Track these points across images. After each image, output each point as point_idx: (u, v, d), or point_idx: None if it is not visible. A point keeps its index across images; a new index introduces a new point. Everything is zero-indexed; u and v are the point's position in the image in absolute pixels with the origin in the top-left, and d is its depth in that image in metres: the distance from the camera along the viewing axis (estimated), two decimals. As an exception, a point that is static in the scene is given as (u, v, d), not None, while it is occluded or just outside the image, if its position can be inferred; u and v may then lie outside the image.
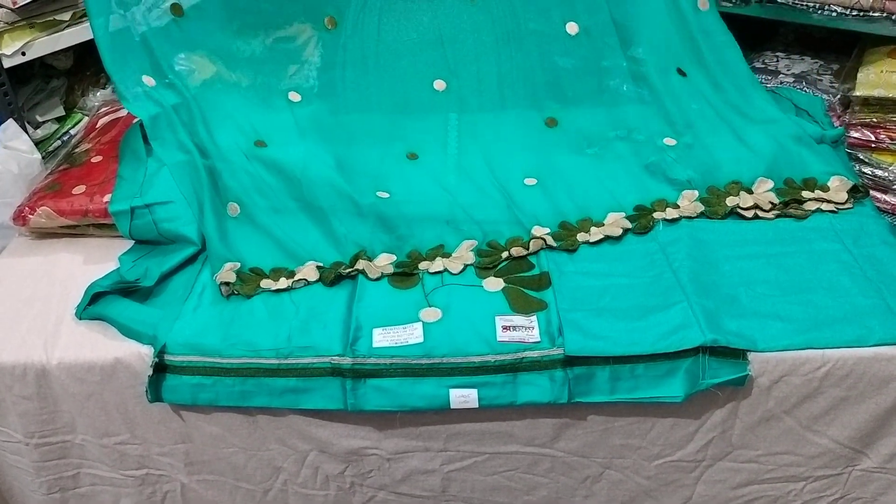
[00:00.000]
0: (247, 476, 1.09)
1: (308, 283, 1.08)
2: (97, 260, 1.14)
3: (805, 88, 1.50)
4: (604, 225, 1.16)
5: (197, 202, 1.16)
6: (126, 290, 1.06)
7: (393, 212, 1.19)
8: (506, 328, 0.99)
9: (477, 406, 0.98)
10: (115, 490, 1.13)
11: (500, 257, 1.11)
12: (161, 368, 0.99)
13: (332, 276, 1.07)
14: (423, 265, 1.11)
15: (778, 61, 1.60)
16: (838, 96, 1.44)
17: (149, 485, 1.12)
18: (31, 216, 1.17)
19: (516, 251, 1.11)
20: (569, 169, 1.28)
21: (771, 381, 0.97)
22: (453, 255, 1.12)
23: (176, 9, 1.37)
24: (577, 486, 1.08)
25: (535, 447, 1.04)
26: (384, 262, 1.12)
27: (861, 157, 1.35)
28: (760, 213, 1.16)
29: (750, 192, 1.18)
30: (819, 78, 1.52)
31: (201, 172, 1.20)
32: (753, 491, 1.06)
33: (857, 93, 1.32)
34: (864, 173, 1.33)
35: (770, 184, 1.19)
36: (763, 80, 1.51)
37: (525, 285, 1.07)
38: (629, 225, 1.15)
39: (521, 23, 1.44)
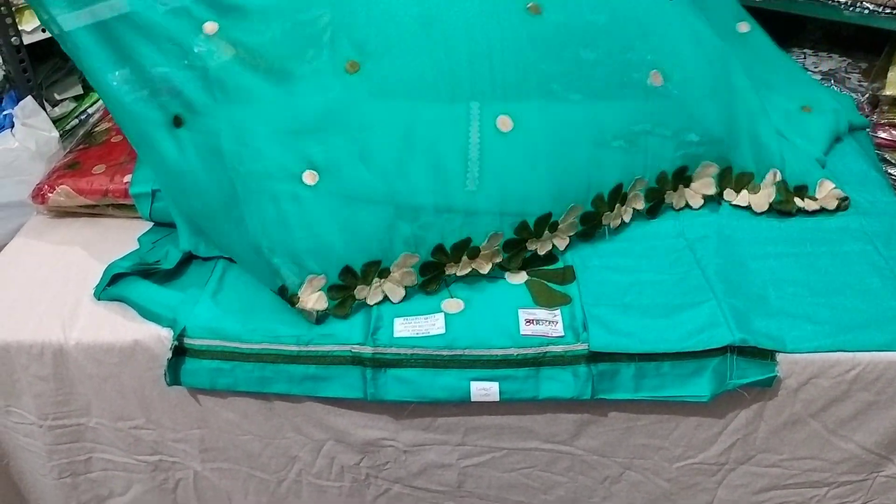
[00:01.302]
0: (261, 465, 1.08)
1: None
2: (116, 240, 1.12)
3: (833, 87, 1.48)
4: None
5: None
6: (146, 271, 1.05)
7: (419, 202, 1.17)
8: (529, 322, 0.98)
9: (498, 399, 0.96)
10: (127, 476, 1.12)
11: (526, 248, 1.08)
12: (180, 352, 0.97)
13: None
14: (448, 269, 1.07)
15: (805, 58, 1.58)
16: (867, 95, 1.43)
17: (162, 471, 1.11)
18: (50, 195, 1.16)
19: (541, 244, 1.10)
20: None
21: (799, 384, 0.95)
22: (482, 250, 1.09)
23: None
24: (595, 487, 1.06)
25: (555, 444, 1.02)
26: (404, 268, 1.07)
27: (888, 157, 1.33)
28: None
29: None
30: (847, 76, 1.51)
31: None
32: (775, 496, 1.04)
33: (887, 92, 1.31)
34: (891, 174, 1.32)
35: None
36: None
37: (549, 279, 1.05)
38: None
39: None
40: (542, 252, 1.10)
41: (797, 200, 1.15)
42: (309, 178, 1.15)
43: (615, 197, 1.14)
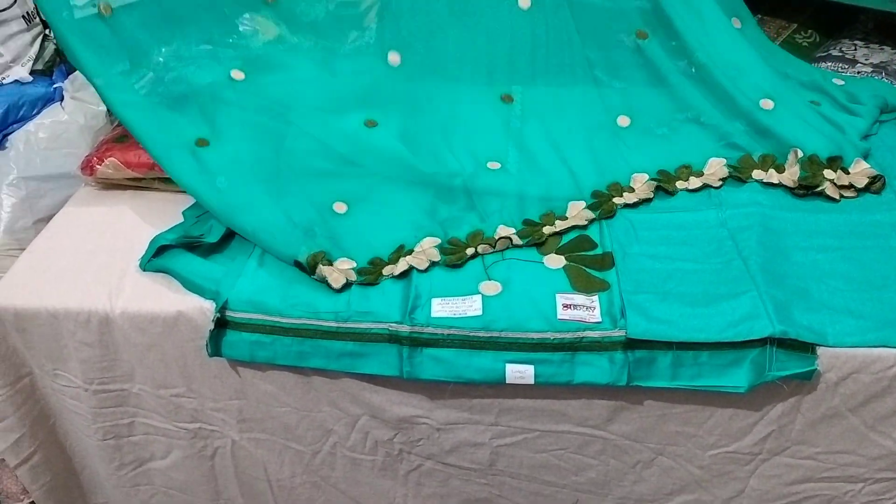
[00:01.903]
0: (297, 437, 1.10)
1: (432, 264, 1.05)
2: (162, 213, 1.15)
3: (885, 79, 1.44)
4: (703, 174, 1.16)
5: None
6: (190, 244, 1.07)
7: (458, 184, 1.17)
8: (566, 306, 0.98)
9: (532, 383, 0.97)
10: (167, 441, 1.15)
11: (543, 233, 1.09)
12: (222, 324, 0.99)
13: (460, 258, 1.05)
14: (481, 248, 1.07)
15: (856, 50, 1.53)
16: (920, 87, 1.39)
17: (201, 438, 1.14)
18: (98, 167, 1.18)
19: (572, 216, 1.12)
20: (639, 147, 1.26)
21: (839, 378, 0.94)
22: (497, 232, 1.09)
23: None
24: (626, 471, 1.07)
25: (588, 428, 1.03)
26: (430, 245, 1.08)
27: (939, 154, 1.29)
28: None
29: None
30: (901, 67, 1.46)
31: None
32: (809, 489, 1.04)
33: (942, 84, 1.26)
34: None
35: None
36: (839, 69, 1.46)
37: (587, 264, 1.05)
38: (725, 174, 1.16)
39: None
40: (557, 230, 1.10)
41: (827, 173, 1.14)
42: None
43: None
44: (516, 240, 1.08)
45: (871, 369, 0.93)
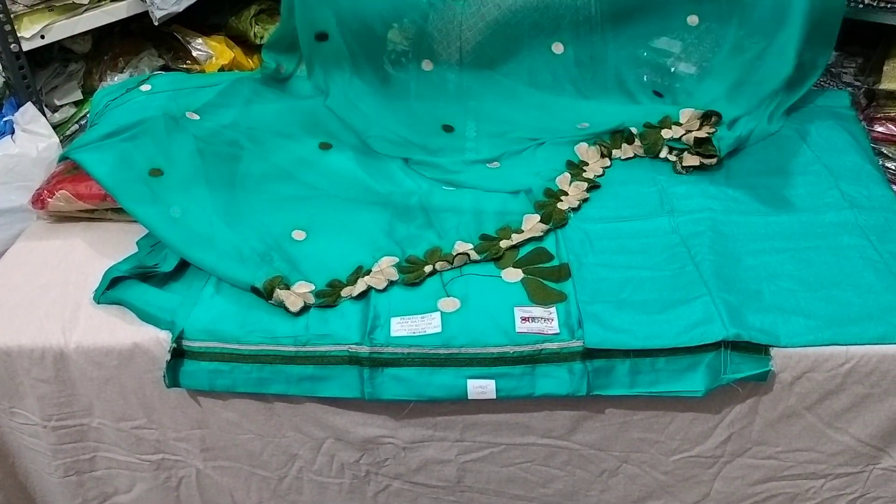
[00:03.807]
0: (262, 463, 1.09)
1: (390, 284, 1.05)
2: (115, 244, 1.13)
3: (828, 82, 1.48)
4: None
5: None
6: (144, 274, 1.06)
7: (415, 202, 1.19)
8: (525, 319, 0.99)
9: (494, 397, 0.97)
10: (130, 474, 1.13)
11: (500, 247, 1.10)
12: (179, 354, 0.98)
13: (418, 276, 1.05)
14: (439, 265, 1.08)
15: (801, 53, 1.57)
16: (863, 90, 1.43)
17: (164, 470, 1.12)
18: (49, 200, 1.17)
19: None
20: None
21: (793, 377, 0.96)
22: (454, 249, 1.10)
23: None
24: (593, 480, 1.07)
25: (552, 439, 1.03)
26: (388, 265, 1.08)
27: (885, 151, 1.33)
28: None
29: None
30: (843, 70, 1.50)
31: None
32: (772, 488, 1.05)
33: (883, 86, 1.31)
34: (889, 168, 1.32)
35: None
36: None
37: (544, 276, 1.06)
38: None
39: None
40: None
41: (664, 132, 1.24)
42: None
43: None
44: (474, 255, 1.09)
45: (824, 367, 0.95)
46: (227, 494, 1.14)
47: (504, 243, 1.10)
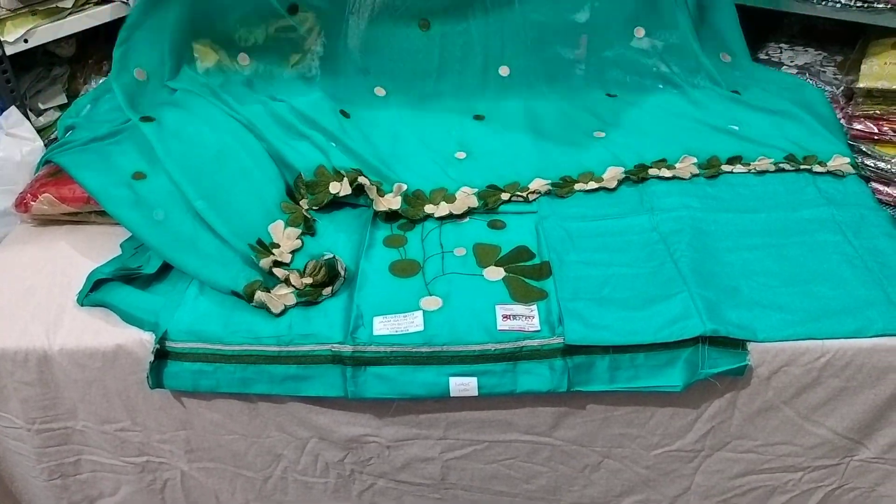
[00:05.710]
0: (247, 463, 1.10)
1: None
2: (99, 247, 1.14)
3: (808, 80, 1.50)
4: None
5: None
6: (128, 276, 1.06)
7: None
8: (506, 317, 1.00)
9: (477, 394, 0.98)
10: (115, 477, 1.13)
11: (501, 199, 1.22)
12: (162, 355, 0.99)
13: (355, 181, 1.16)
14: (427, 208, 1.19)
15: (781, 52, 1.60)
16: (842, 88, 1.44)
17: (149, 472, 1.12)
18: (33, 203, 1.17)
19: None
20: None
21: (770, 372, 0.97)
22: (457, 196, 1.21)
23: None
24: (575, 475, 1.08)
25: (535, 436, 1.04)
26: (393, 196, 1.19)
27: (864, 149, 1.34)
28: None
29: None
30: (822, 70, 1.52)
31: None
32: (752, 481, 1.06)
33: (861, 84, 1.32)
34: (867, 165, 1.33)
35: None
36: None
37: (526, 275, 1.07)
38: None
39: None
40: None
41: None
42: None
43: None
44: (473, 202, 1.20)
45: (801, 361, 0.96)
46: (212, 496, 1.15)
47: (505, 195, 1.22)
